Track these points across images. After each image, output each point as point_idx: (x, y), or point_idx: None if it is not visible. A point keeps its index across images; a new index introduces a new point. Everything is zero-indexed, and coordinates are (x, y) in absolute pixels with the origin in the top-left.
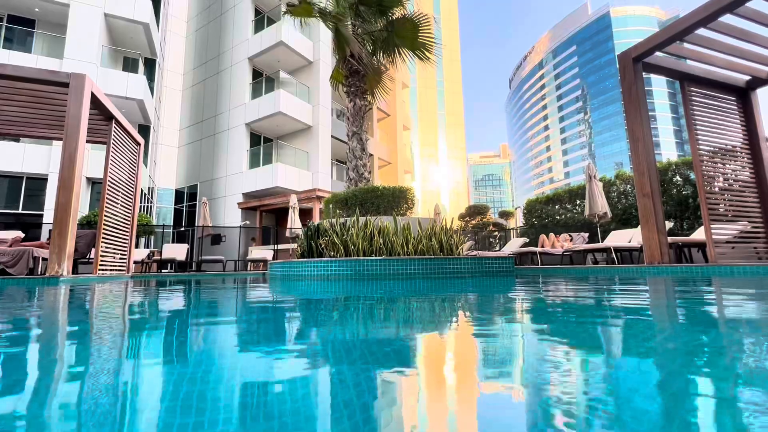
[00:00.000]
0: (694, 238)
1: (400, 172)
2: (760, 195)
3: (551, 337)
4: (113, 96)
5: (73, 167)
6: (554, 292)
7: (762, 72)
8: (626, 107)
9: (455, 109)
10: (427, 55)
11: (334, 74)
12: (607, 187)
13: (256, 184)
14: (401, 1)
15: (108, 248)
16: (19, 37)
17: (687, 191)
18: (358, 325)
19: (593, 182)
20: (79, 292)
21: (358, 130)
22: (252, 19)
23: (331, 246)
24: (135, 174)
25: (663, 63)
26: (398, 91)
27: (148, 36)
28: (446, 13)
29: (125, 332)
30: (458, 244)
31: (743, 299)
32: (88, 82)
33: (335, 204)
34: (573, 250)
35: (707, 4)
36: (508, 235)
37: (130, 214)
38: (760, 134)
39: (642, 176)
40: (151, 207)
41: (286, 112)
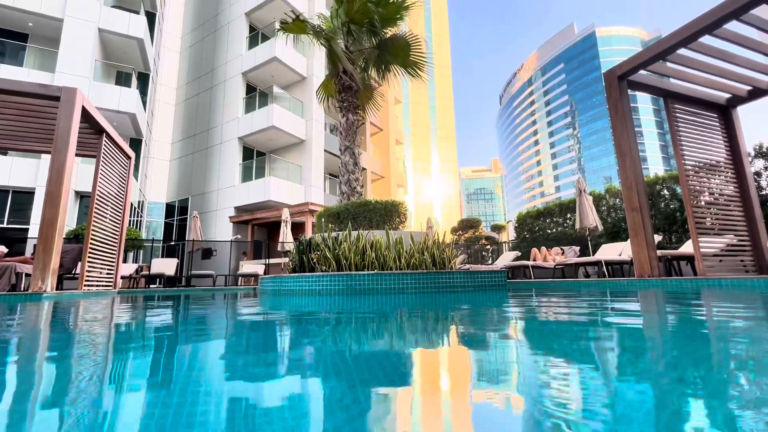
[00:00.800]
0: (683, 252)
1: (392, 185)
2: (744, 209)
3: (550, 357)
4: (105, 110)
5: (60, 181)
6: (547, 307)
7: (741, 90)
8: (613, 123)
9: (447, 123)
10: (419, 72)
11: (323, 87)
12: (597, 201)
13: (248, 197)
14: (392, 21)
15: (95, 263)
16: (11, 50)
17: (674, 205)
18: (348, 346)
19: (583, 196)
20: (59, 309)
21: (351, 144)
22: (246, 35)
23: (322, 260)
24: (125, 188)
25: (647, 81)
26: (391, 107)
27: (142, 51)
28: (437, 30)
29: (102, 353)
30: (451, 258)
31: (736, 314)
32: (79, 96)
33: (327, 218)
34: (565, 264)
35: (687, 25)
36: (501, 249)
37: (119, 228)
38: (742, 150)
39: (630, 190)
40: (140, 221)
41: (280, 126)
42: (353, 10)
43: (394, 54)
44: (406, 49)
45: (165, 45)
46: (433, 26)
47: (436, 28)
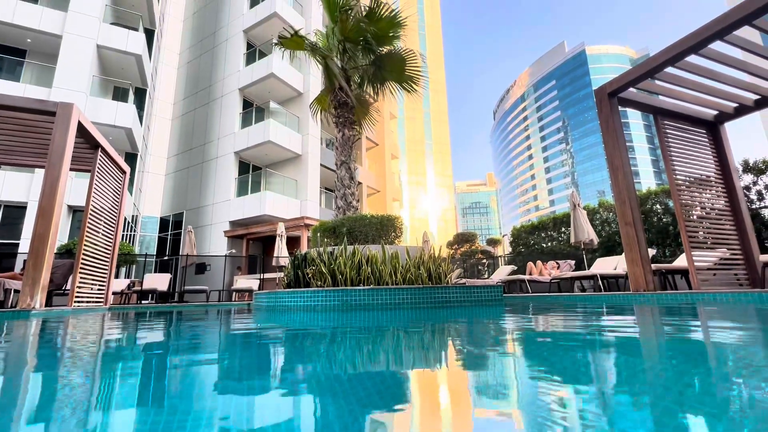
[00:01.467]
0: (677, 265)
1: (388, 199)
2: (735, 223)
3: (550, 379)
4: (101, 124)
5: (54, 196)
6: (545, 322)
7: (728, 107)
8: (605, 139)
9: (442, 138)
10: (415, 87)
11: (316, 100)
12: (591, 215)
13: (243, 212)
14: (387, 39)
15: (86, 279)
16: (8, 66)
17: (667, 219)
18: (344, 369)
19: (578, 210)
20: (47, 326)
21: (347, 159)
22: (244, 52)
23: (318, 275)
24: (119, 202)
25: (637, 98)
26: (386, 122)
27: (140, 67)
28: (432, 48)
29: (85, 376)
30: (447, 273)
31: (734, 330)
32: (75, 111)
33: (323, 232)
34: (560, 278)
35: (674, 45)
36: (496, 263)
37: (112, 243)
38: (731, 165)
39: (623, 205)
40: (134, 235)
41: (276, 141)
42: (347, 28)
43: (390, 70)
44: (401, 64)
45: (163, 61)
46: (428, 44)
47: (431, 46)
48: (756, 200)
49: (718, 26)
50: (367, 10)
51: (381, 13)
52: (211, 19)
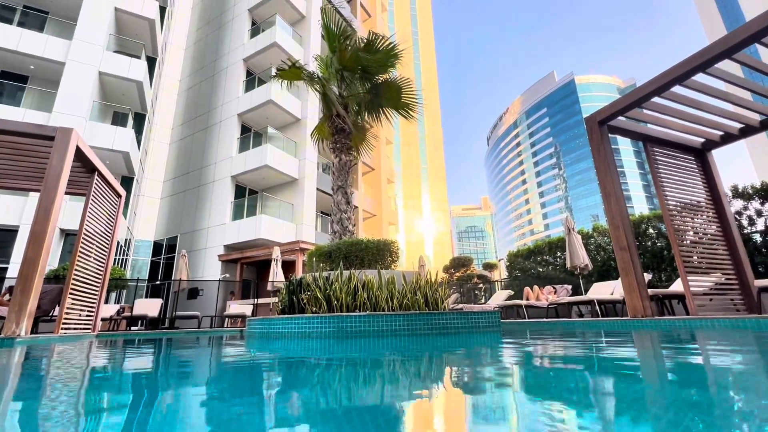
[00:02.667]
0: (673, 290)
1: (384, 223)
2: (729, 248)
3: (552, 413)
4: (99, 148)
5: (47, 221)
6: (546, 352)
7: (714, 135)
8: (597, 165)
9: (437, 163)
10: (411, 114)
11: (317, 129)
12: (585, 239)
13: (238, 235)
14: (383, 68)
15: (74, 305)
16: (9, 91)
17: (661, 243)
18: (343, 412)
19: (572, 234)
20: (31, 355)
21: (343, 184)
22: (243, 79)
23: (313, 301)
24: (113, 227)
25: (626, 126)
26: (382, 147)
27: (140, 93)
28: (427, 77)
29: (64, 407)
30: (443, 298)
31: (736, 357)
32: (74, 136)
33: (319, 257)
34: (558, 303)
35: (659, 76)
36: (493, 287)
37: (103, 268)
38: (720, 191)
39: (617, 230)
40: (126, 259)
41: (273, 165)
42: (346, 58)
43: (387, 97)
44: (397, 92)
45: (163, 87)
46: (423, 72)
47: (425, 74)
48: (747, 225)
49: (700, 59)
50: (365, 42)
51: (378, 45)
52: (212, 48)
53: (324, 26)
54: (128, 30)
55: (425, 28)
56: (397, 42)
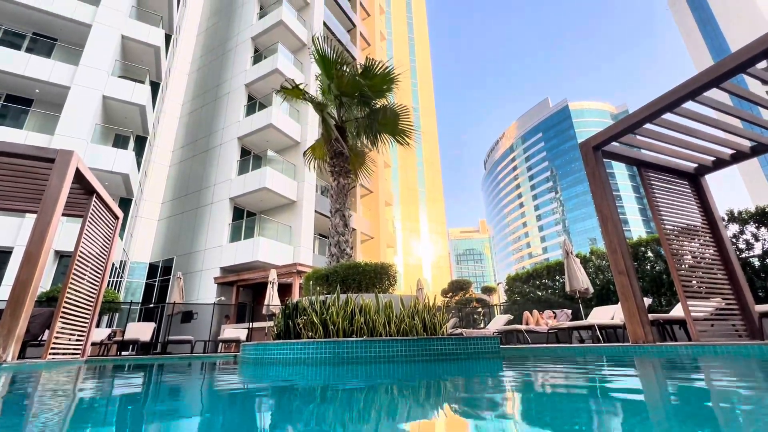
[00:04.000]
0: (674, 315)
1: (382, 246)
2: (727, 272)
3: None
4: (99, 170)
5: (42, 242)
6: (548, 380)
7: (707, 161)
8: (592, 190)
9: (434, 186)
10: (408, 140)
11: (311, 150)
12: (584, 263)
13: (235, 258)
14: (381, 93)
15: (65, 329)
16: (13, 114)
17: (660, 267)
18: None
19: (571, 258)
20: (16, 382)
21: (341, 207)
22: (245, 104)
23: (309, 326)
24: (108, 249)
25: (620, 151)
26: (381, 170)
27: (142, 116)
28: (424, 102)
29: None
30: (442, 323)
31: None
32: (74, 159)
33: (316, 280)
34: (558, 328)
35: (650, 104)
36: (492, 312)
37: (96, 290)
38: (716, 215)
39: (615, 254)
40: (120, 281)
41: (272, 187)
42: (344, 83)
43: (384, 123)
44: (395, 118)
45: (166, 111)
46: (420, 97)
47: (423, 99)
48: (745, 249)
49: (688, 88)
50: (363, 68)
51: (375, 70)
52: (215, 74)
53: (318, 55)
54: (134, 56)
55: (422, 55)
56: (394, 67)
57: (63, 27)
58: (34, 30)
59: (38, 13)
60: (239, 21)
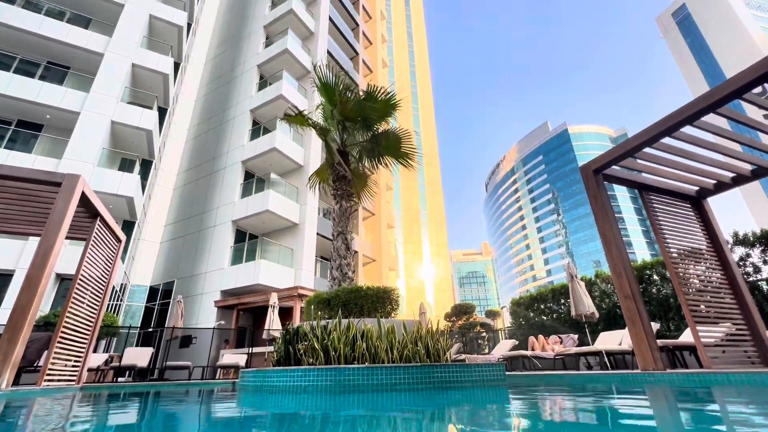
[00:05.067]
0: (684, 341)
1: (384, 269)
2: (735, 297)
3: None
4: (104, 193)
5: (44, 266)
6: (555, 411)
7: (708, 184)
8: (595, 213)
9: (436, 208)
10: (410, 163)
11: (315, 173)
12: (589, 286)
13: (236, 281)
14: (383, 118)
15: (61, 354)
16: (23, 138)
17: (666, 290)
18: None
19: (575, 281)
20: (8, 410)
21: (344, 230)
22: (249, 128)
23: (310, 351)
24: (110, 272)
25: (621, 174)
26: (383, 192)
27: (149, 141)
28: (425, 124)
29: None
30: (445, 349)
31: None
32: (80, 183)
33: (317, 304)
34: (565, 354)
35: (649, 129)
36: (497, 336)
37: (96, 314)
38: (720, 238)
39: (620, 278)
40: (120, 305)
41: (274, 210)
42: (348, 108)
43: (386, 146)
44: (397, 142)
45: (172, 135)
46: (421, 121)
47: (424, 123)
48: (752, 273)
49: (686, 113)
50: (365, 94)
51: (378, 96)
52: (221, 99)
53: (321, 84)
54: (143, 83)
55: (423, 80)
56: (396, 93)
57: (76, 56)
58: (48, 59)
59: (54, 44)
60: (246, 50)
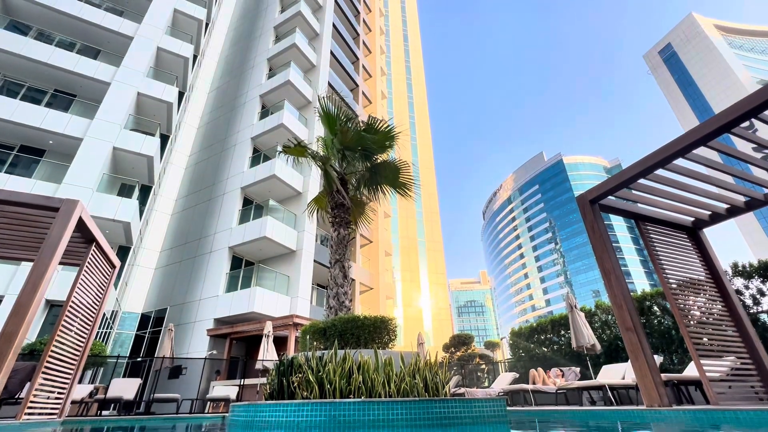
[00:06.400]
0: (688, 375)
1: (381, 297)
2: (738, 329)
3: None
4: (101, 218)
5: (34, 292)
6: None
7: (703, 215)
8: (592, 243)
9: (434, 236)
10: (408, 192)
11: (314, 201)
12: (589, 317)
13: (230, 309)
14: (382, 149)
15: (45, 385)
16: (24, 163)
17: (668, 322)
18: None
19: (575, 312)
20: None
21: (341, 258)
22: (250, 155)
23: (304, 384)
24: (101, 299)
25: (617, 205)
26: (380, 220)
27: (149, 167)
28: (423, 154)
29: None
30: (444, 382)
31: None
32: (78, 208)
33: (312, 334)
34: (567, 388)
35: (642, 161)
36: (496, 369)
37: (84, 343)
38: (719, 269)
39: (621, 309)
40: (109, 333)
41: (272, 237)
42: (348, 138)
43: (385, 176)
44: (395, 172)
45: (172, 161)
46: (419, 151)
47: (422, 153)
48: (752, 305)
49: (677, 146)
50: (365, 125)
51: (377, 127)
52: (223, 127)
53: (324, 114)
54: (147, 111)
55: (421, 112)
56: (395, 125)
57: (84, 84)
58: (56, 87)
59: (62, 73)
60: (249, 80)
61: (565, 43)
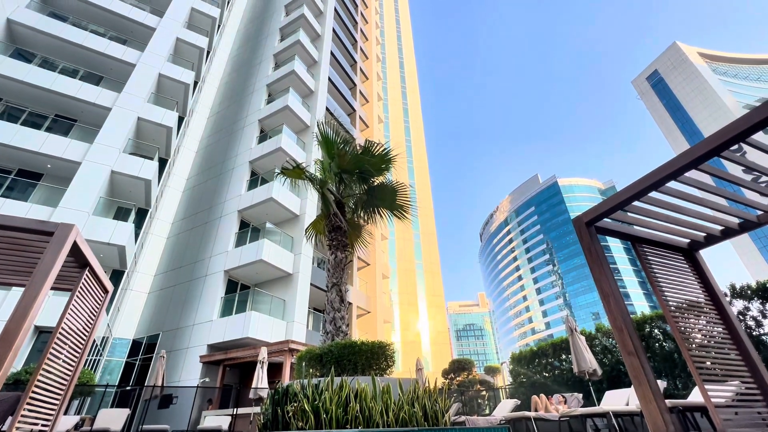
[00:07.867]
0: (694, 401)
1: (379, 321)
2: (740, 352)
3: None
4: (96, 242)
5: (24, 319)
6: None
7: (699, 236)
8: (590, 265)
9: (431, 258)
10: (405, 215)
11: (312, 225)
12: (590, 341)
13: (224, 334)
14: (379, 171)
15: (29, 417)
16: (21, 187)
17: (669, 345)
18: None
19: (575, 336)
20: None
21: (338, 281)
22: (247, 179)
23: (299, 414)
24: (92, 325)
25: (613, 227)
26: (378, 242)
27: (147, 190)
28: (419, 177)
29: None
30: (444, 410)
31: None
32: (73, 232)
33: (308, 361)
34: (570, 415)
35: (635, 184)
36: (497, 395)
37: (72, 372)
38: (717, 290)
39: (621, 333)
40: (99, 360)
41: (268, 260)
42: (345, 162)
43: (382, 198)
44: (392, 194)
45: (170, 185)
46: (416, 174)
47: (418, 176)
48: (754, 327)
49: (668, 170)
50: (362, 148)
51: (374, 150)
52: (222, 151)
53: (322, 138)
54: (146, 135)
55: (417, 135)
56: (392, 148)
57: (84, 110)
58: (57, 112)
59: (64, 98)
60: (248, 106)
61: (559, 73)
